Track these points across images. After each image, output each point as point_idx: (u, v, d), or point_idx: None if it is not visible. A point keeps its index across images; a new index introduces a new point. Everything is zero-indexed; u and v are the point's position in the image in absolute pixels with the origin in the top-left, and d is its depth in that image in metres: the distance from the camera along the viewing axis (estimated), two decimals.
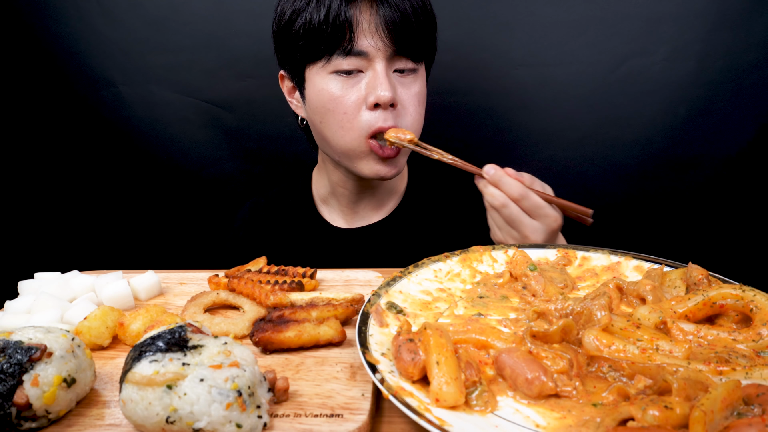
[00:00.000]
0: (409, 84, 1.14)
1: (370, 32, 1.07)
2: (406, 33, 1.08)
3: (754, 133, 1.60)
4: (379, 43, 1.07)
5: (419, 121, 1.17)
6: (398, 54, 1.10)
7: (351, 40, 1.07)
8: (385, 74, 1.09)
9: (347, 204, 1.37)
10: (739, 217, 1.68)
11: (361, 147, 1.14)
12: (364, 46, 1.08)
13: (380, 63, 1.09)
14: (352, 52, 1.08)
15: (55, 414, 0.63)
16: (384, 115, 1.10)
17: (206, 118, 1.78)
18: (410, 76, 1.14)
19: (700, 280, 0.81)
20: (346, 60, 1.09)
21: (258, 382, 0.62)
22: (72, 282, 0.99)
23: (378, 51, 1.08)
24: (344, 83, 1.11)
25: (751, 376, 0.62)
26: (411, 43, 1.09)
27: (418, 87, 1.16)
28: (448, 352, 0.64)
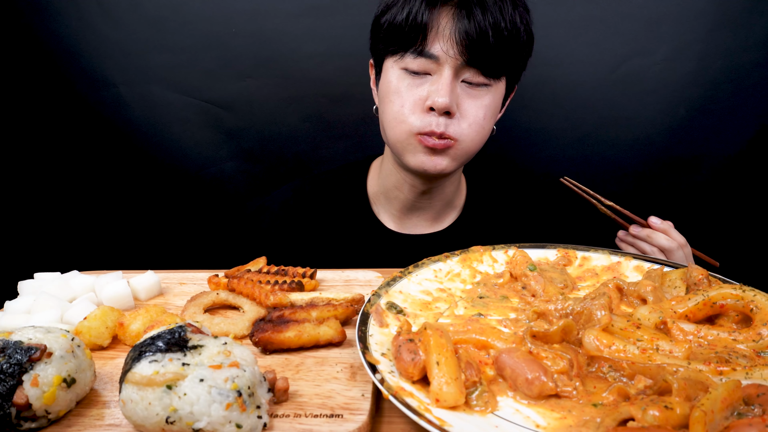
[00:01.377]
0: (476, 96, 1.13)
1: (443, 38, 1.08)
2: (480, 47, 1.07)
3: (754, 133, 1.60)
4: (451, 50, 1.08)
5: (477, 133, 1.15)
6: (469, 65, 1.09)
7: (423, 43, 1.10)
8: (449, 81, 1.09)
9: (400, 209, 1.35)
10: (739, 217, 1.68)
11: (409, 140, 1.16)
12: (435, 50, 1.09)
13: (448, 70, 1.09)
14: (422, 54, 1.10)
15: (55, 414, 0.63)
16: (437, 120, 1.11)
17: (206, 118, 1.77)
18: (480, 89, 1.13)
19: (700, 280, 0.82)
20: (416, 60, 1.11)
21: (258, 383, 0.62)
22: (72, 282, 0.99)
23: (448, 57, 1.09)
24: (410, 81, 1.14)
25: (751, 376, 0.62)
26: (484, 57, 1.08)
27: (487, 101, 1.14)
28: (448, 352, 0.64)
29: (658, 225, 1.16)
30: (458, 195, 1.39)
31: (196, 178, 1.84)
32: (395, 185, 1.31)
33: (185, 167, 1.83)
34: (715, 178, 1.65)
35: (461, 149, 1.15)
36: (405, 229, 1.37)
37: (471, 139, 1.15)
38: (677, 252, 1.13)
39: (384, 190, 1.35)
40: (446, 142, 1.13)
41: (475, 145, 1.18)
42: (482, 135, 1.17)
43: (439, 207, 1.35)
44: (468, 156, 1.20)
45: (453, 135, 1.12)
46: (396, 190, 1.32)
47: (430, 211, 1.35)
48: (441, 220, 1.37)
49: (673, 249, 1.13)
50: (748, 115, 1.59)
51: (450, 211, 1.38)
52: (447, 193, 1.34)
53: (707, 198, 1.67)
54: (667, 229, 1.15)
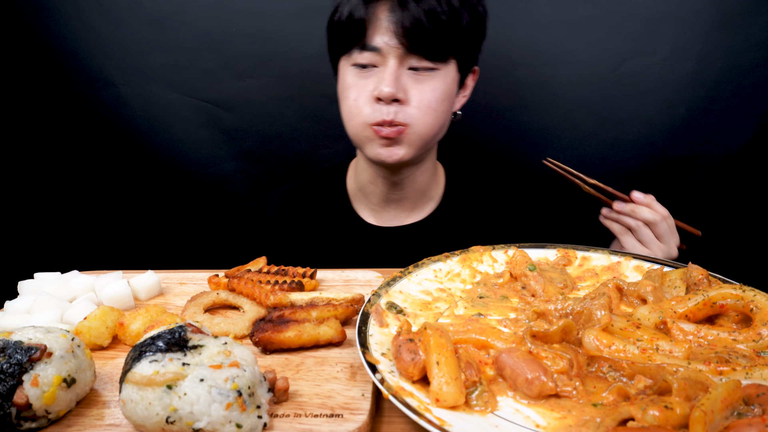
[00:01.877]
0: (422, 80, 1.16)
1: (382, 30, 1.13)
2: (418, 34, 1.11)
3: (754, 133, 1.60)
4: (390, 41, 1.12)
5: (427, 116, 1.18)
6: (411, 52, 1.13)
7: (365, 37, 1.15)
8: (393, 71, 1.14)
9: (377, 203, 1.39)
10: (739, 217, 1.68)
11: (365, 132, 1.20)
12: (378, 43, 1.14)
13: (391, 59, 1.14)
14: (366, 48, 1.15)
15: (55, 414, 0.63)
16: (386, 109, 1.15)
17: (206, 118, 1.77)
18: (426, 74, 1.16)
19: (700, 280, 0.81)
20: (362, 54, 1.17)
21: (258, 382, 0.62)
22: (72, 282, 0.99)
23: (391, 48, 1.13)
24: (359, 75, 1.19)
25: (751, 376, 0.62)
26: (423, 43, 1.12)
27: (434, 85, 1.17)
28: (448, 352, 0.64)
29: (641, 199, 1.16)
30: (435, 185, 1.41)
31: (196, 178, 1.84)
32: (369, 180, 1.36)
33: (185, 167, 1.83)
34: (715, 178, 1.65)
35: (414, 134, 1.19)
36: (384, 222, 1.40)
37: (423, 123, 1.18)
38: (661, 224, 1.13)
39: (360, 186, 1.40)
40: (398, 129, 1.17)
41: (428, 129, 1.20)
42: (434, 118, 1.19)
43: (414, 197, 1.38)
44: (424, 141, 1.21)
45: (403, 121, 1.16)
46: (371, 185, 1.37)
47: (406, 203, 1.38)
48: (419, 210, 1.40)
49: (657, 221, 1.13)
50: (748, 115, 1.59)
51: (427, 201, 1.40)
52: (420, 183, 1.36)
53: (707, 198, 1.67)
54: (650, 202, 1.15)
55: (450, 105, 1.24)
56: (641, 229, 1.15)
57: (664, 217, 1.14)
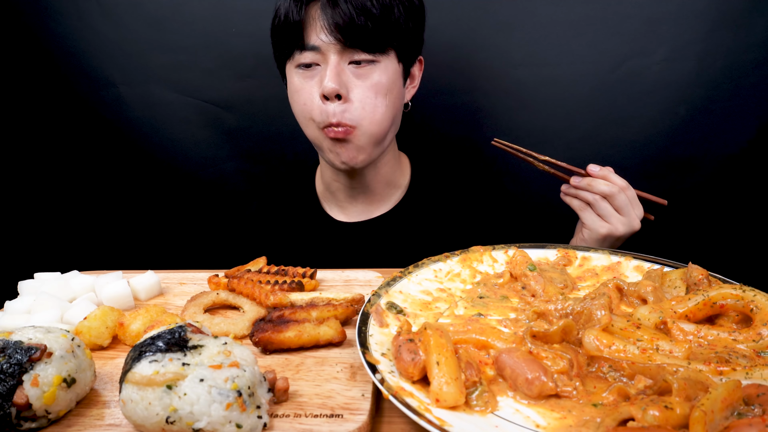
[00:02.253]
0: (365, 75, 1.18)
1: (317, 29, 1.16)
2: (351, 30, 1.13)
3: (754, 133, 1.60)
4: (328, 38, 1.15)
5: (372, 113, 1.19)
6: (349, 47, 1.15)
7: (304, 37, 1.17)
8: (333, 66, 1.16)
9: (344, 199, 1.41)
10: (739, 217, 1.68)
11: (319, 134, 1.23)
12: (316, 41, 1.16)
13: (332, 56, 1.16)
14: (306, 48, 1.18)
15: (55, 414, 0.63)
16: (332, 108, 1.17)
17: (206, 118, 1.77)
18: (367, 67, 1.18)
19: (700, 280, 0.81)
20: (303, 54, 1.19)
21: (258, 383, 0.62)
22: (72, 282, 0.99)
23: (329, 45, 1.15)
24: (303, 76, 1.21)
25: (751, 377, 0.62)
26: (358, 38, 1.14)
27: (377, 78, 1.18)
28: (448, 352, 0.64)
29: (597, 172, 1.15)
30: (400, 174, 1.43)
31: (196, 178, 1.84)
32: (332, 178, 1.38)
33: (185, 167, 1.83)
34: (715, 178, 1.65)
35: (363, 134, 1.20)
36: (353, 217, 1.42)
37: (369, 121, 1.20)
38: (619, 195, 1.12)
39: (326, 185, 1.42)
40: (345, 129, 1.18)
41: (377, 126, 1.21)
42: (380, 114, 1.20)
43: (380, 188, 1.39)
44: (374, 138, 1.23)
45: (349, 122, 1.18)
46: (335, 182, 1.39)
47: (372, 194, 1.39)
48: (386, 200, 1.41)
49: (614, 193, 1.12)
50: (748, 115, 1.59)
51: (394, 190, 1.42)
52: (383, 173, 1.37)
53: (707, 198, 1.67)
54: (606, 174, 1.14)
55: (396, 97, 1.25)
56: (599, 202, 1.14)
57: (621, 188, 1.12)
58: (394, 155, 1.40)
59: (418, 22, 1.26)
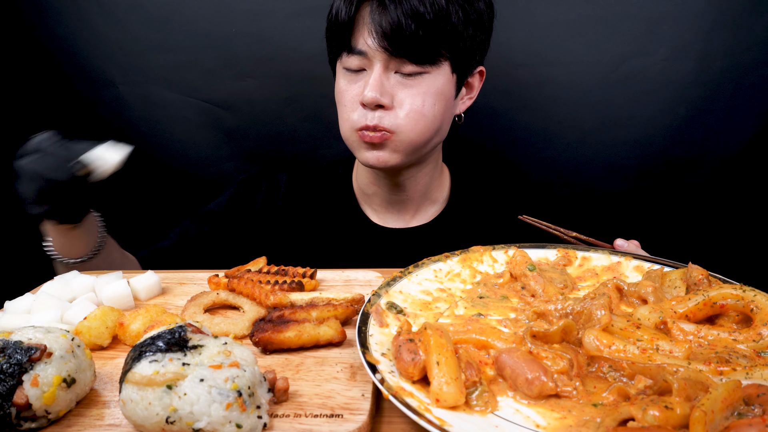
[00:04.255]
0: (411, 85, 1.13)
1: (365, 33, 1.11)
2: (399, 37, 1.07)
3: (754, 133, 1.60)
4: (375, 44, 1.10)
5: (416, 122, 1.14)
6: (395, 56, 1.11)
7: (351, 39, 1.13)
8: (377, 75, 1.12)
9: (379, 204, 1.38)
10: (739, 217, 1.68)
11: (353, 136, 1.20)
12: (362, 46, 1.12)
13: (377, 63, 1.12)
14: (353, 52, 1.14)
15: (55, 414, 0.63)
16: (370, 114, 1.14)
17: (206, 118, 1.77)
18: (416, 78, 1.13)
19: (700, 280, 0.81)
20: (350, 58, 1.15)
21: (258, 383, 0.62)
22: (72, 282, 0.99)
23: (375, 52, 1.11)
24: (349, 79, 1.18)
25: (751, 377, 0.62)
26: (407, 47, 1.09)
27: (425, 88, 1.13)
28: (448, 352, 0.64)
29: (624, 247, 1.09)
30: (439, 188, 1.39)
31: (196, 178, 1.84)
32: (370, 181, 1.35)
33: (185, 167, 1.83)
34: (715, 178, 1.65)
35: (401, 140, 1.16)
36: (388, 223, 1.38)
37: (410, 129, 1.15)
38: None
39: (362, 187, 1.39)
40: (382, 134, 1.14)
41: (417, 135, 1.16)
42: (424, 123, 1.16)
43: (417, 200, 1.36)
44: (413, 146, 1.18)
45: (388, 127, 1.14)
46: (372, 186, 1.35)
47: (409, 205, 1.36)
48: (422, 213, 1.38)
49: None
50: (748, 115, 1.59)
51: (430, 204, 1.38)
52: (422, 185, 1.34)
53: (707, 198, 1.67)
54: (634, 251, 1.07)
55: (445, 107, 1.19)
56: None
57: None
58: (436, 166, 1.35)
59: (480, 29, 1.17)
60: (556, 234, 1.15)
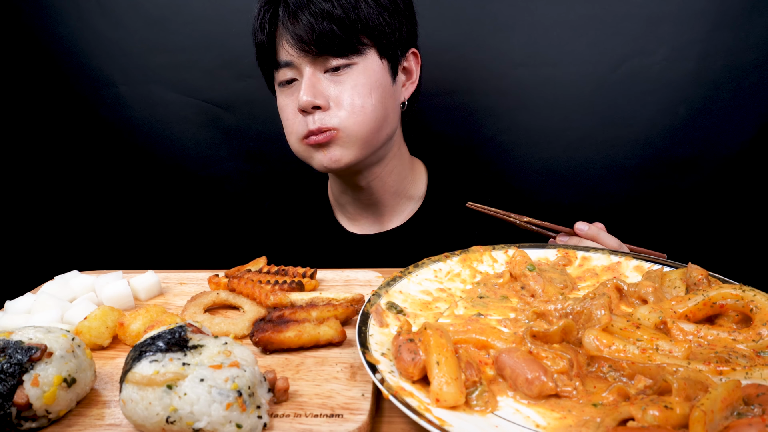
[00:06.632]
0: (344, 80, 1.14)
1: (285, 45, 1.14)
2: (317, 38, 1.09)
3: (754, 133, 1.60)
4: (296, 51, 1.12)
5: (358, 115, 1.14)
6: (321, 55, 1.12)
7: (277, 56, 1.17)
8: (307, 79, 1.13)
9: (354, 211, 1.37)
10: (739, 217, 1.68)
11: (302, 146, 1.20)
12: (287, 57, 1.15)
13: (306, 68, 1.14)
14: (280, 65, 1.17)
15: (55, 414, 0.63)
16: (310, 119, 1.14)
17: (206, 118, 1.78)
18: (346, 71, 1.14)
19: (700, 280, 0.81)
20: (280, 72, 1.19)
21: (258, 383, 0.62)
22: (72, 282, 0.99)
23: (300, 59, 1.13)
24: (286, 93, 1.20)
25: (751, 376, 0.62)
26: (326, 45, 1.10)
27: (357, 80, 1.14)
28: (448, 352, 0.64)
29: (585, 231, 1.05)
30: (413, 184, 1.37)
31: (195, 178, 1.84)
32: (340, 191, 1.36)
33: (185, 167, 1.83)
34: (715, 178, 1.65)
35: (348, 135, 1.15)
36: (364, 229, 1.38)
37: (354, 122, 1.14)
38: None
39: (336, 196, 1.40)
40: (327, 134, 1.14)
41: (362, 126, 1.15)
42: (366, 114, 1.15)
43: (389, 199, 1.34)
44: (363, 140, 1.17)
45: (331, 125, 1.14)
46: (343, 195, 1.36)
47: (381, 206, 1.34)
48: (398, 212, 1.36)
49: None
50: (748, 115, 1.59)
51: (406, 202, 1.37)
52: (390, 184, 1.31)
53: (707, 198, 1.67)
54: (595, 235, 1.04)
55: (383, 95, 1.18)
56: None
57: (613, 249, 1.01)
58: (401, 162, 1.33)
59: (397, 13, 1.18)
60: (509, 220, 1.13)
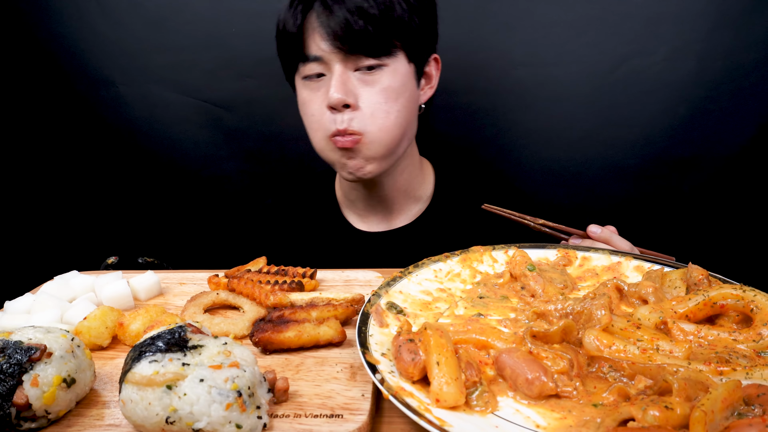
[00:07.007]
0: (373, 81, 1.13)
1: (317, 39, 1.12)
2: (351, 35, 1.08)
3: (754, 133, 1.60)
4: (329, 46, 1.10)
5: (383, 120, 1.14)
6: (351, 53, 1.11)
7: (305, 48, 1.14)
8: (338, 76, 1.11)
9: (363, 208, 1.37)
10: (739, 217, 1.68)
11: (327, 146, 1.19)
12: (316, 51, 1.12)
13: (336, 65, 1.12)
14: (308, 59, 1.14)
15: (55, 414, 0.63)
16: (340, 117, 1.13)
17: (206, 118, 1.78)
18: (375, 72, 1.13)
19: (700, 280, 0.81)
20: (307, 66, 1.16)
21: (258, 383, 0.62)
22: (72, 282, 0.99)
23: (331, 54, 1.11)
24: (311, 88, 1.18)
25: (751, 377, 0.62)
26: (360, 43, 1.09)
27: (386, 82, 1.13)
28: (448, 353, 0.64)
29: (598, 234, 1.05)
30: (421, 185, 1.38)
31: (196, 178, 1.84)
32: (350, 186, 1.35)
33: (185, 167, 1.83)
34: (715, 178, 1.65)
35: (372, 142, 1.15)
36: (372, 226, 1.38)
37: (378, 128, 1.15)
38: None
39: (345, 192, 1.39)
40: (353, 138, 1.14)
41: (386, 133, 1.16)
42: (391, 120, 1.15)
43: (399, 198, 1.35)
44: (387, 146, 1.17)
45: (357, 129, 1.13)
46: (353, 191, 1.36)
47: (391, 204, 1.35)
48: (406, 211, 1.37)
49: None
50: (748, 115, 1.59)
51: (414, 202, 1.37)
52: (401, 182, 1.32)
53: (707, 198, 1.67)
54: (608, 238, 1.04)
55: (408, 100, 1.19)
56: None
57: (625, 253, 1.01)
58: (413, 161, 1.34)
59: (426, 17, 1.18)
60: (523, 222, 1.12)
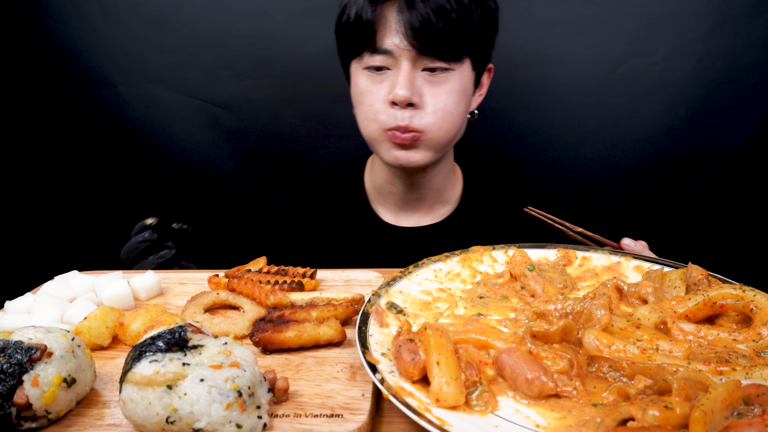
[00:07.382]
0: (437, 83, 1.13)
1: (391, 32, 1.10)
2: (428, 34, 1.07)
3: (754, 133, 1.60)
4: (403, 43, 1.09)
5: (444, 121, 1.15)
6: (423, 53, 1.10)
7: (375, 39, 1.12)
8: (406, 73, 1.11)
9: (394, 202, 1.37)
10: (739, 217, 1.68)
11: (381, 136, 1.18)
12: (387, 45, 1.11)
13: (405, 62, 1.11)
14: (377, 51, 1.12)
15: (55, 414, 0.63)
16: (401, 114, 1.13)
17: (206, 118, 1.78)
18: (441, 75, 1.13)
19: (700, 280, 0.81)
20: (373, 57, 1.13)
21: (258, 383, 0.62)
22: (72, 282, 0.99)
23: (402, 51, 1.10)
24: (372, 79, 1.16)
25: (751, 376, 0.62)
26: (435, 44, 1.09)
27: (451, 86, 1.14)
28: (448, 352, 0.64)
29: (632, 247, 1.07)
30: (452, 188, 1.39)
31: (196, 178, 1.84)
32: (387, 180, 1.34)
33: (185, 167, 1.83)
34: (715, 178, 1.66)
35: (430, 140, 1.16)
36: (401, 222, 1.38)
37: (438, 128, 1.15)
38: None
39: (377, 186, 1.38)
40: (413, 135, 1.14)
41: (444, 134, 1.17)
42: (451, 122, 1.16)
43: (431, 199, 1.36)
44: (441, 145, 1.19)
45: (418, 127, 1.13)
46: (388, 185, 1.35)
47: (422, 204, 1.36)
48: (434, 212, 1.38)
49: None
50: (748, 115, 1.59)
51: (443, 203, 1.38)
52: (436, 183, 1.34)
53: (707, 198, 1.68)
54: (641, 251, 1.07)
55: (466, 106, 1.21)
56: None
57: None
58: (448, 163, 1.35)
59: (493, 27, 1.19)
60: (562, 229, 1.14)
